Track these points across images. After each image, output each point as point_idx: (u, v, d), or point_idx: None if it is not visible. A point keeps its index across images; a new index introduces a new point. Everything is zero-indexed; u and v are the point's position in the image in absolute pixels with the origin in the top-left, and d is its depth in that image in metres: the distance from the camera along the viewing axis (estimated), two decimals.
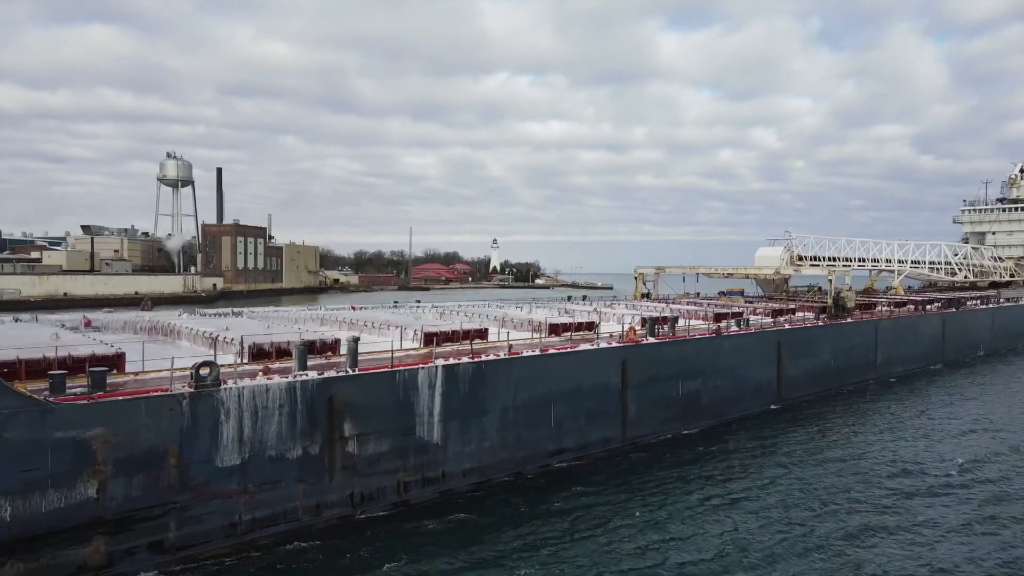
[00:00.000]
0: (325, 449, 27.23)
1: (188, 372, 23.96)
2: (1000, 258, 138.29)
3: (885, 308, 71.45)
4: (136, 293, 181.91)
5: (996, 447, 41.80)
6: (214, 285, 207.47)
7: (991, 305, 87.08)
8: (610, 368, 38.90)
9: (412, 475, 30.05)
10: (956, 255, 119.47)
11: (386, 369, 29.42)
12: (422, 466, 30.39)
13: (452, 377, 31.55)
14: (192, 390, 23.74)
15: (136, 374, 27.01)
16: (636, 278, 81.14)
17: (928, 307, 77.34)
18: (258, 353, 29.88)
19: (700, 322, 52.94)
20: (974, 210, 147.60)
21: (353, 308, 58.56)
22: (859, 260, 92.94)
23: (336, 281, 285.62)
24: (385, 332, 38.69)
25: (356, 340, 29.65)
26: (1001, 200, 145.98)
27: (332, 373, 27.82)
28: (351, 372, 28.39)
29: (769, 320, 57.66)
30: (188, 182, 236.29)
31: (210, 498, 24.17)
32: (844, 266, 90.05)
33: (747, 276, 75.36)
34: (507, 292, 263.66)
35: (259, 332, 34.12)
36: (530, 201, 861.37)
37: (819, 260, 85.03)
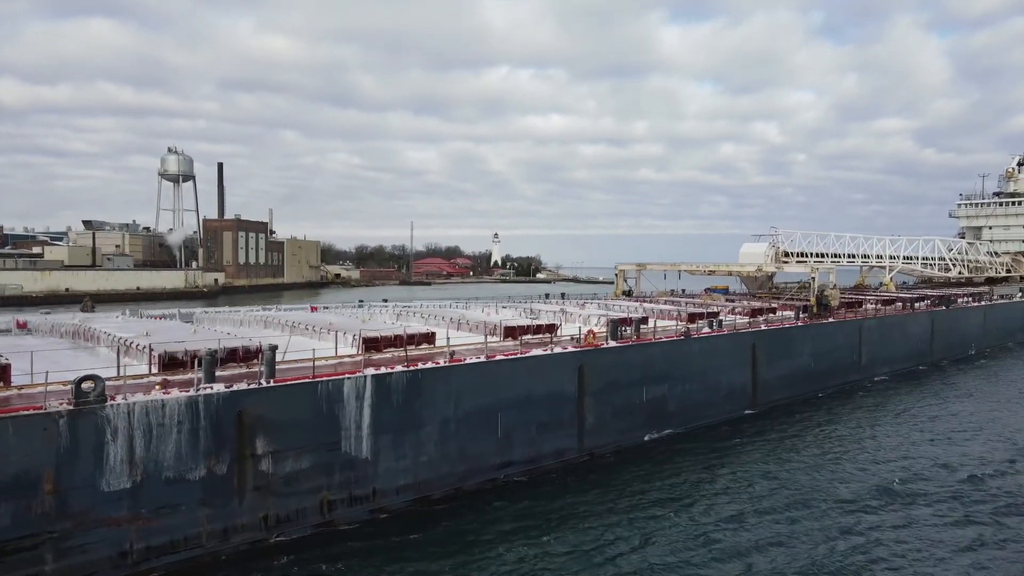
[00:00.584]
0: (234, 468, 25.01)
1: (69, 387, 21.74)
2: (996, 253, 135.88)
3: (872, 306, 69.15)
4: (138, 289, 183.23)
5: (978, 453, 39.57)
6: (215, 280, 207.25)
7: (983, 303, 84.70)
8: (565, 374, 36.65)
9: (337, 493, 27.85)
10: (951, 250, 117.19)
11: (307, 380, 27.19)
12: (349, 484, 28.19)
13: (384, 387, 29.31)
14: (71, 407, 21.51)
15: (21, 388, 24.77)
16: (617, 275, 78.84)
17: (917, 304, 74.99)
18: (170, 362, 27.65)
19: (673, 323, 50.70)
20: (970, 204, 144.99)
21: (314, 309, 56.39)
22: (848, 256, 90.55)
23: (338, 276, 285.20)
24: (327, 337, 36.44)
25: (274, 348, 27.42)
26: (998, 194, 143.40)
27: (243, 385, 25.57)
28: (265, 383, 26.14)
29: (746, 320, 55.39)
30: (189, 177, 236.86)
31: (94, 526, 21.96)
32: (833, 262, 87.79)
33: (730, 273, 73.04)
34: (507, 287, 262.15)
35: (184, 337, 31.93)
36: (531, 195, 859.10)
37: (806, 256, 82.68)
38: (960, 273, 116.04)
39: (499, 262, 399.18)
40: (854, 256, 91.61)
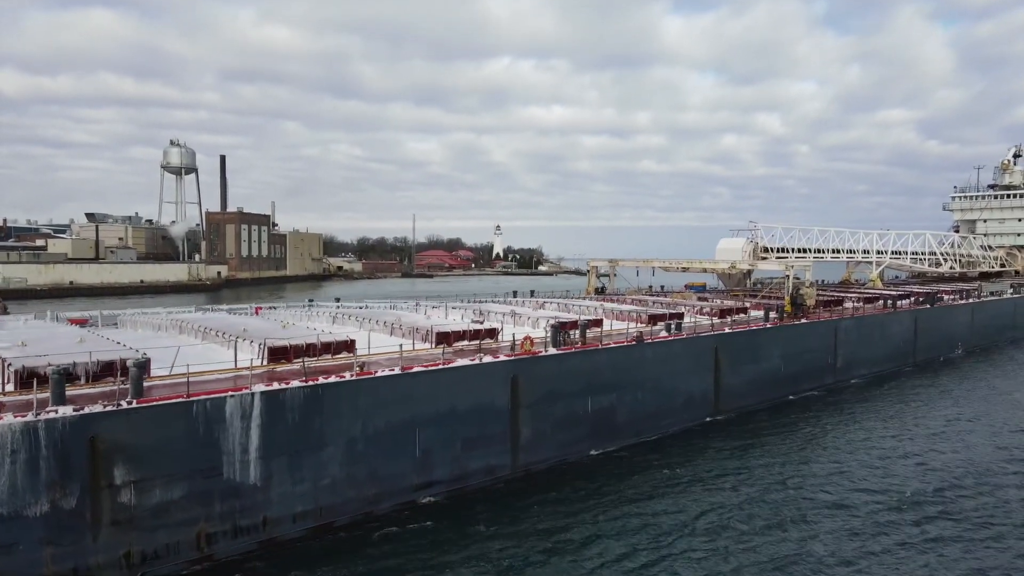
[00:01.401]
0: (85, 501, 22.17)
1: None
2: (990, 247, 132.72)
3: (853, 304, 66.18)
4: (141, 282, 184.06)
5: (953, 465, 36.67)
6: (218, 273, 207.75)
7: (971, 300, 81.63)
8: (496, 386, 33.76)
9: (219, 525, 25.02)
10: (942, 245, 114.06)
11: (179, 399, 24.30)
12: (233, 513, 25.36)
13: (276, 405, 26.45)
14: None
15: None
16: (589, 271, 75.85)
17: (901, 303, 71.98)
18: (28, 379, 24.73)
19: (632, 324, 47.77)
20: (964, 197, 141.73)
21: (259, 310, 53.52)
22: (833, 251, 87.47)
23: (340, 268, 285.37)
24: (242, 345, 33.45)
25: (141, 364, 24.53)
26: (992, 186, 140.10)
27: (97, 407, 22.68)
28: (128, 404, 23.26)
29: (717, 320, 52.43)
30: (192, 169, 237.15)
31: None
32: (816, 258, 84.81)
33: (704, 270, 70.06)
34: (509, 279, 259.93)
35: (66, 348, 29.05)
36: (533, 186, 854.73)
37: (788, 252, 79.65)
38: (951, 268, 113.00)
39: (501, 254, 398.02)
40: (839, 251, 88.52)
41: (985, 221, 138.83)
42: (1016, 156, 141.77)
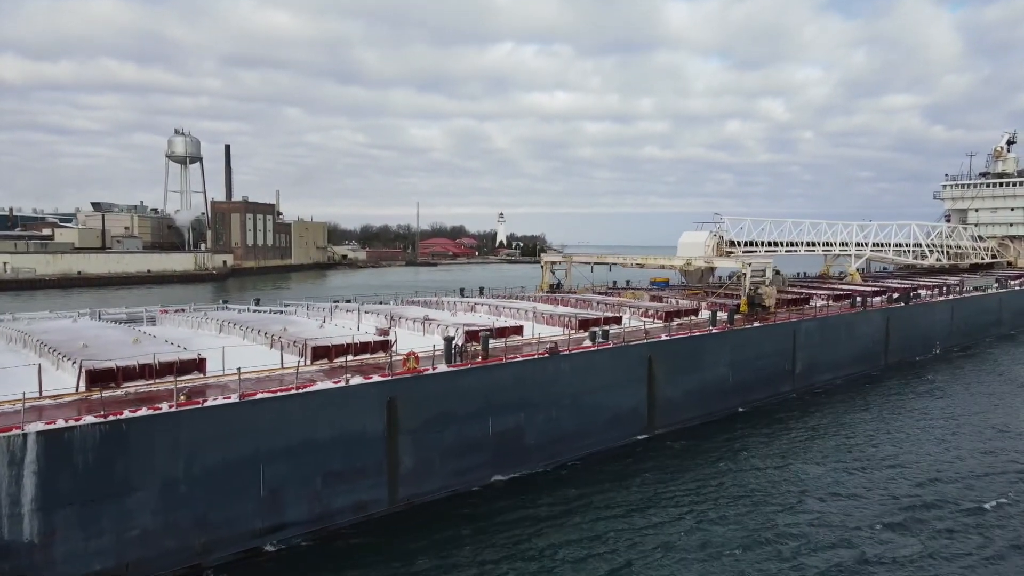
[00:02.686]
0: None
1: None
2: (982, 237, 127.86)
3: (818, 304, 61.68)
4: (148, 271, 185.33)
5: (921, 486, 32.30)
6: (224, 262, 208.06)
7: (951, 296, 76.96)
8: (368, 410, 29.38)
9: None
10: (929, 236, 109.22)
11: None
12: None
13: (61, 447, 22.09)
14: None
15: None
16: (543, 267, 71.33)
17: (873, 300, 67.45)
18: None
19: (563, 331, 43.33)
20: (956, 185, 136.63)
21: (163, 312, 49.20)
22: (808, 244, 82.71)
23: (344, 257, 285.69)
24: (63, 364, 28.96)
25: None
26: (984, 174, 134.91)
27: None
28: None
29: (660, 324, 48.00)
30: (196, 158, 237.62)
31: None
32: (788, 251, 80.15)
33: (662, 267, 65.47)
34: (513, 267, 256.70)
35: None
36: (536, 173, 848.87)
37: (757, 246, 74.91)
38: (938, 260, 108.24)
39: (504, 242, 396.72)
40: (815, 244, 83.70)
41: (977, 210, 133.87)
42: (1009, 143, 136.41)
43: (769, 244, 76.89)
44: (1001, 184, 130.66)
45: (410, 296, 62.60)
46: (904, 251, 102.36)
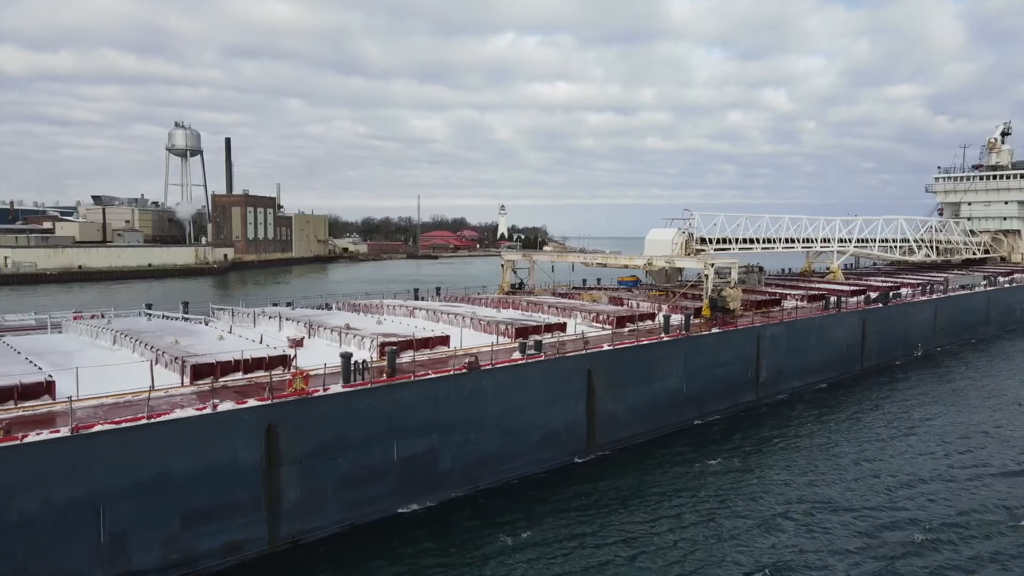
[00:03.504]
0: None
1: None
2: (975, 232, 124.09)
3: (787, 306, 58.13)
4: (149, 265, 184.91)
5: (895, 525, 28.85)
6: (225, 256, 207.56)
7: (935, 296, 73.33)
8: (240, 439, 25.91)
9: None
10: (918, 231, 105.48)
11: None
12: None
13: None
14: None
15: None
16: (503, 266, 67.78)
17: (849, 301, 63.89)
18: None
19: (504, 340, 39.84)
20: (948, 178, 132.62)
21: (76, 317, 45.80)
22: (787, 241, 79.04)
23: (346, 250, 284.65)
24: None
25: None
26: (977, 167, 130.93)
27: None
28: None
29: (604, 331, 44.51)
30: (197, 151, 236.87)
31: None
32: (765, 248, 76.53)
33: (626, 266, 61.87)
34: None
35: None
36: (537, 164, 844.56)
37: (731, 243, 71.27)
38: (927, 256, 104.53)
39: (505, 234, 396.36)
40: (794, 241, 79.99)
41: (970, 204, 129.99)
42: (1004, 134, 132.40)
43: (744, 241, 73.26)
44: (994, 177, 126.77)
45: (406, 289, 60.10)
46: (891, 247, 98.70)
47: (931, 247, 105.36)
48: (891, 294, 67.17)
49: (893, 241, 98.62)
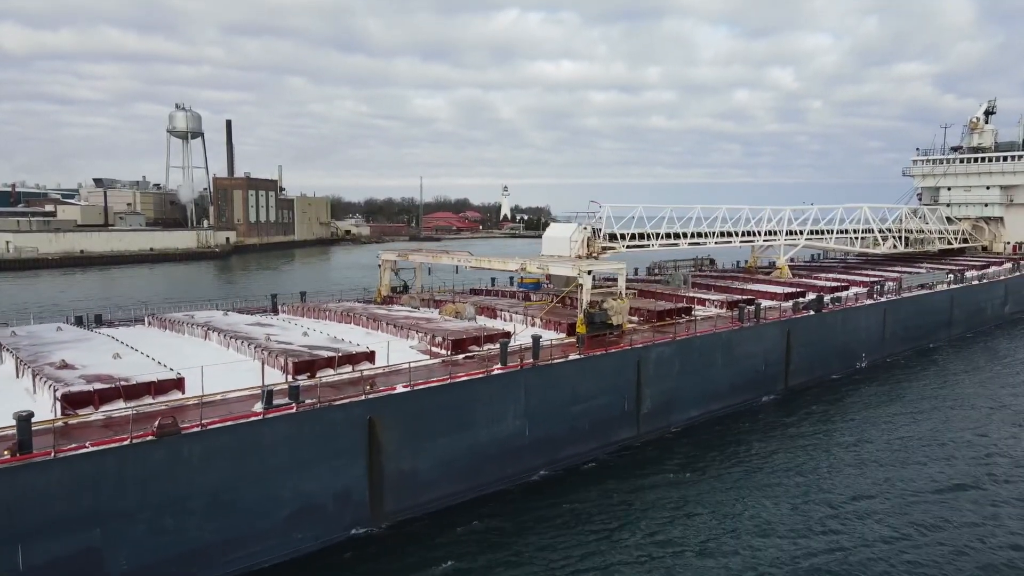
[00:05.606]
0: None
1: None
2: (953, 219, 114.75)
3: (716, 309, 49.37)
4: (151, 249, 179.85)
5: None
6: (227, 239, 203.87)
7: (883, 299, 64.37)
8: None
9: None
10: (885, 221, 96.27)
11: None
12: None
13: None
14: None
15: None
16: (380, 267, 58.97)
17: (785, 303, 55.11)
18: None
19: (279, 376, 31.20)
20: (926, 161, 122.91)
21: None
22: (723, 234, 70.02)
23: (348, 232, 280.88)
24: None
25: None
26: (956, 149, 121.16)
27: None
28: None
29: (436, 359, 35.86)
30: (198, 134, 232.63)
31: None
32: (693, 243, 67.62)
33: (503, 270, 53.01)
34: (517, 242, 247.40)
35: None
36: (541, 144, 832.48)
37: (650, 238, 62.31)
38: (894, 247, 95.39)
39: (509, 215, 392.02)
40: (732, 234, 70.91)
41: (949, 189, 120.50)
42: (988, 113, 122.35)
43: (669, 236, 64.31)
44: (976, 160, 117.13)
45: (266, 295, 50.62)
46: (852, 238, 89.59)
47: (899, 238, 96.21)
48: (827, 299, 58.29)
49: (855, 232, 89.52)
